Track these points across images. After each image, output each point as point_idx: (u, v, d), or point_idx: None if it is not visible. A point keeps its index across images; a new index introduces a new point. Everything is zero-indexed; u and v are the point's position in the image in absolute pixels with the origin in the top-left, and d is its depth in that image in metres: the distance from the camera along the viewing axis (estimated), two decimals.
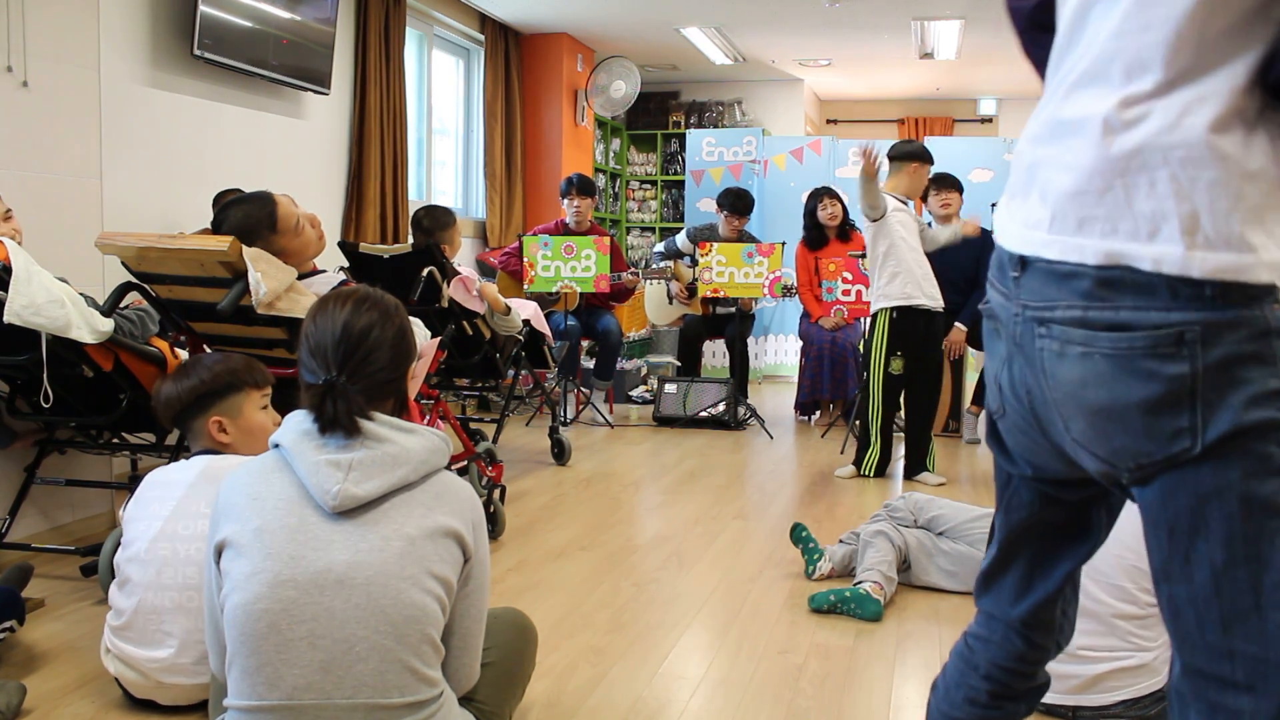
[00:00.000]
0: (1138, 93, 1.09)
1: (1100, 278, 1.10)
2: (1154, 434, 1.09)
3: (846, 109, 10.92)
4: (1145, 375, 1.08)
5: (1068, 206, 1.13)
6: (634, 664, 2.57)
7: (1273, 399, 1.05)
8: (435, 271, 3.68)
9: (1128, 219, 1.09)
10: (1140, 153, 1.08)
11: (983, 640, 1.42)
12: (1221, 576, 1.08)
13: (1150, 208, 1.07)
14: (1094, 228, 1.11)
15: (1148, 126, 1.08)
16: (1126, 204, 1.09)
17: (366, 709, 1.52)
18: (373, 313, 1.64)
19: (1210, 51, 1.05)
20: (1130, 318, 1.09)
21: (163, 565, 2.18)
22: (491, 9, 6.92)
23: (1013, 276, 1.19)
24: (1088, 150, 1.12)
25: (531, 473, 4.77)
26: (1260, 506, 1.06)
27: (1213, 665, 1.10)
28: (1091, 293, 1.11)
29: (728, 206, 6.13)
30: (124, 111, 3.89)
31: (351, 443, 1.57)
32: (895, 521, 3.20)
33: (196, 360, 2.39)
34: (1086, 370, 1.13)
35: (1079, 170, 1.12)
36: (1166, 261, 1.06)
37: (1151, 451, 1.10)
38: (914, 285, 4.50)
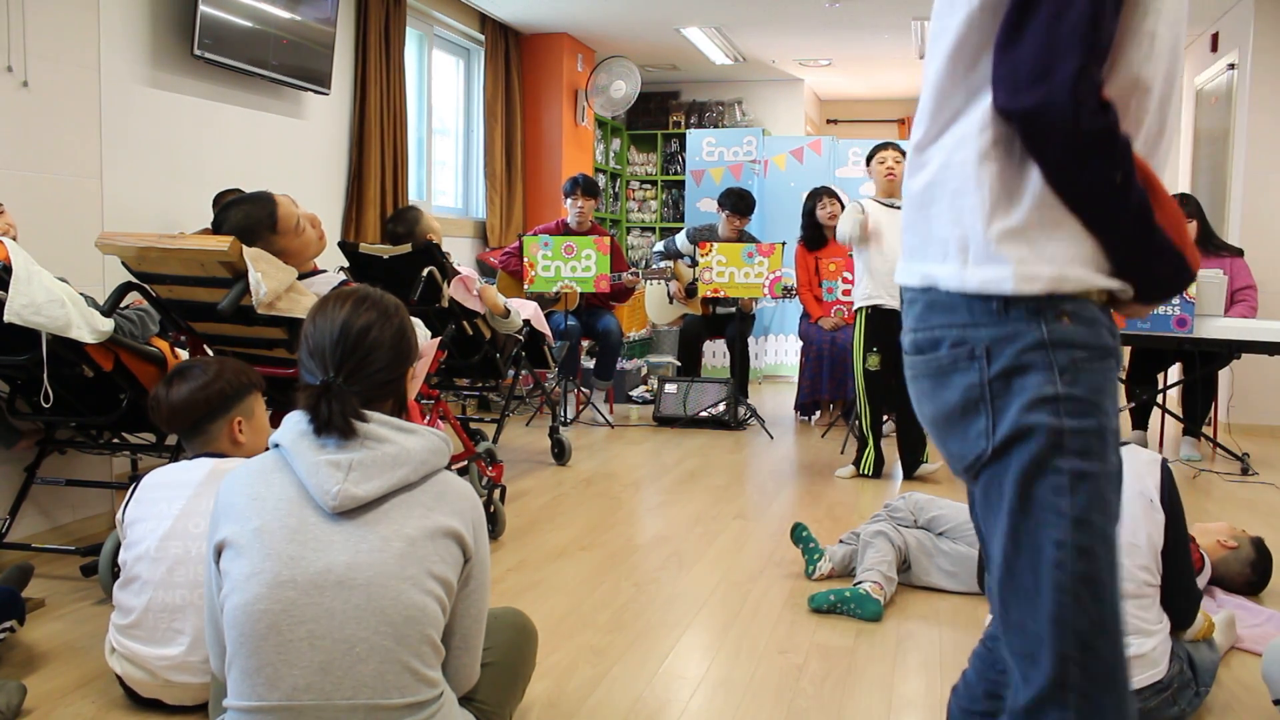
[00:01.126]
0: (924, 138, 1.31)
1: (925, 301, 1.29)
2: (964, 438, 1.26)
3: (847, 109, 10.92)
4: (950, 387, 1.26)
5: (906, 239, 1.35)
6: (634, 664, 2.57)
7: (1046, 404, 1.19)
8: (435, 271, 3.68)
9: (932, 244, 1.28)
10: (929, 188, 1.29)
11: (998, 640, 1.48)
12: (1011, 561, 1.23)
13: (941, 233, 1.26)
14: (915, 254, 1.32)
15: (932, 166, 1.28)
16: (929, 232, 1.29)
17: (366, 709, 1.52)
18: (372, 313, 1.64)
19: (960, 98, 1.25)
20: (940, 335, 1.27)
21: (174, 563, 2.18)
22: (491, 9, 6.92)
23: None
24: (910, 190, 1.34)
25: (532, 473, 4.77)
26: (1036, 501, 1.20)
27: (1014, 640, 1.25)
28: (919, 315, 1.30)
29: (729, 206, 6.13)
30: (124, 111, 3.89)
31: (351, 443, 1.57)
32: (895, 522, 3.20)
33: (191, 366, 2.36)
34: (918, 389, 1.33)
35: (906, 207, 1.35)
36: (950, 279, 1.24)
37: (965, 454, 1.27)
38: (878, 285, 4.55)
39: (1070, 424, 1.19)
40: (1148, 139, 1.24)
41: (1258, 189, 6.11)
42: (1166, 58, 1.22)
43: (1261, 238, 5.97)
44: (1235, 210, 6.22)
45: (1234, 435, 5.81)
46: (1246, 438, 5.81)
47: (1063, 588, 1.19)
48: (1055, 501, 1.19)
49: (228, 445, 2.35)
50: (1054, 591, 1.19)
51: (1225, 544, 3.03)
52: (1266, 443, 5.83)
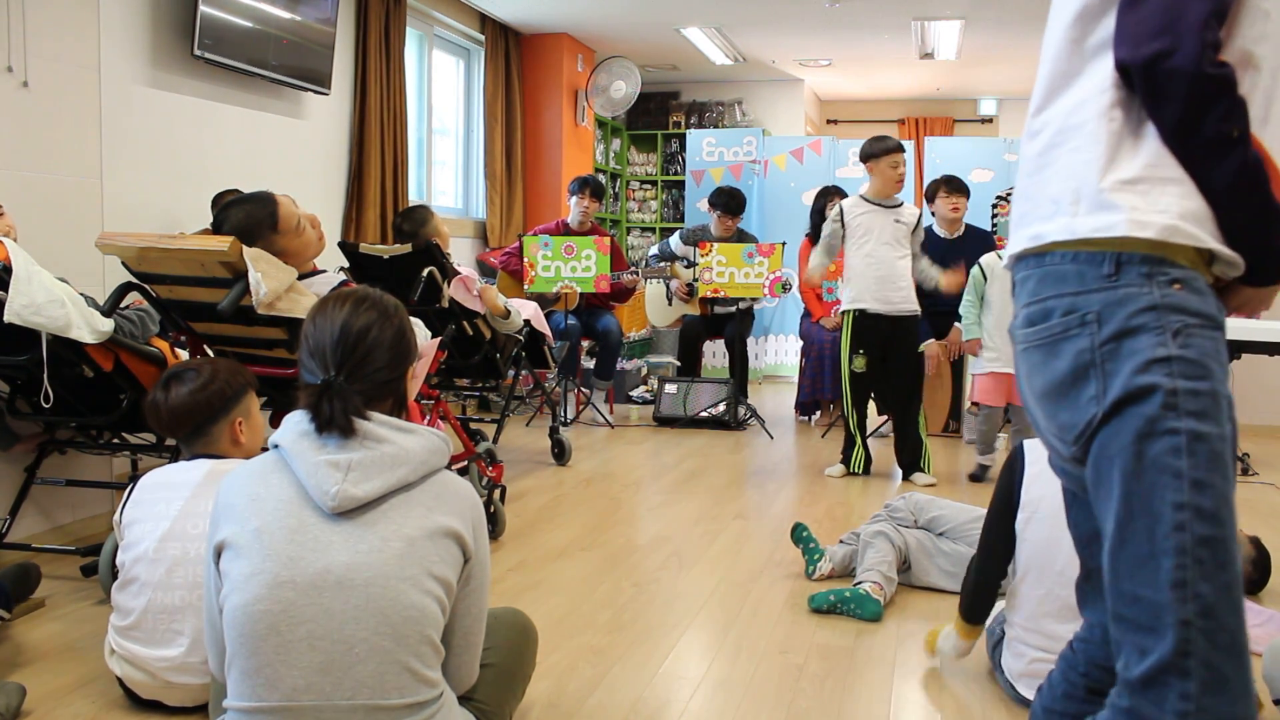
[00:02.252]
0: (1040, 104, 1.34)
1: (1038, 275, 1.30)
2: (1074, 405, 1.25)
3: (847, 109, 10.92)
4: (1061, 355, 1.25)
5: (1016, 212, 1.38)
6: (634, 664, 2.57)
7: (1158, 365, 1.18)
8: (435, 271, 3.67)
9: (1043, 204, 1.30)
10: (1045, 151, 1.32)
11: (1084, 642, 1.55)
12: (1125, 529, 1.20)
13: (1053, 191, 1.29)
14: (1025, 220, 1.34)
15: (1047, 131, 1.32)
16: (1040, 194, 1.31)
17: (366, 710, 1.52)
18: (372, 313, 1.64)
19: (1078, 62, 1.29)
20: (1051, 305, 1.27)
21: (173, 564, 2.18)
22: (491, 9, 6.91)
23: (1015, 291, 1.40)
24: (1023, 160, 1.37)
25: (532, 473, 4.77)
26: (1152, 463, 1.18)
27: (1125, 609, 1.22)
28: (1032, 290, 1.31)
29: (720, 206, 6.13)
30: (124, 111, 3.89)
31: (350, 443, 1.56)
32: (895, 522, 3.20)
33: (185, 369, 2.35)
34: (1029, 363, 1.32)
35: (1020, 177, 1.38)
36: (1060, 230, 1.26)
37: (1075, 422, 1.25)
38: (862, 290, 4.52)
39: (1184, 385, 1.17)
40: (1253, 121, 1.22)
41: None
42: (1276, 40, 1.23)
43: None
44: None
45: None
46: (1246, 438, 5.81)
47: (1184, 551, 1.16)
48: (1172, 463, 1.17)
49: (228, 446, 2.35)
50: (1175, 555, 1.16)
51: None
52: (1266, 443, 5.83)
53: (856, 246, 4.55)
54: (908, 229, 4.57)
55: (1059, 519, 2.23)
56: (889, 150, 4.54)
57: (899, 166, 4.53)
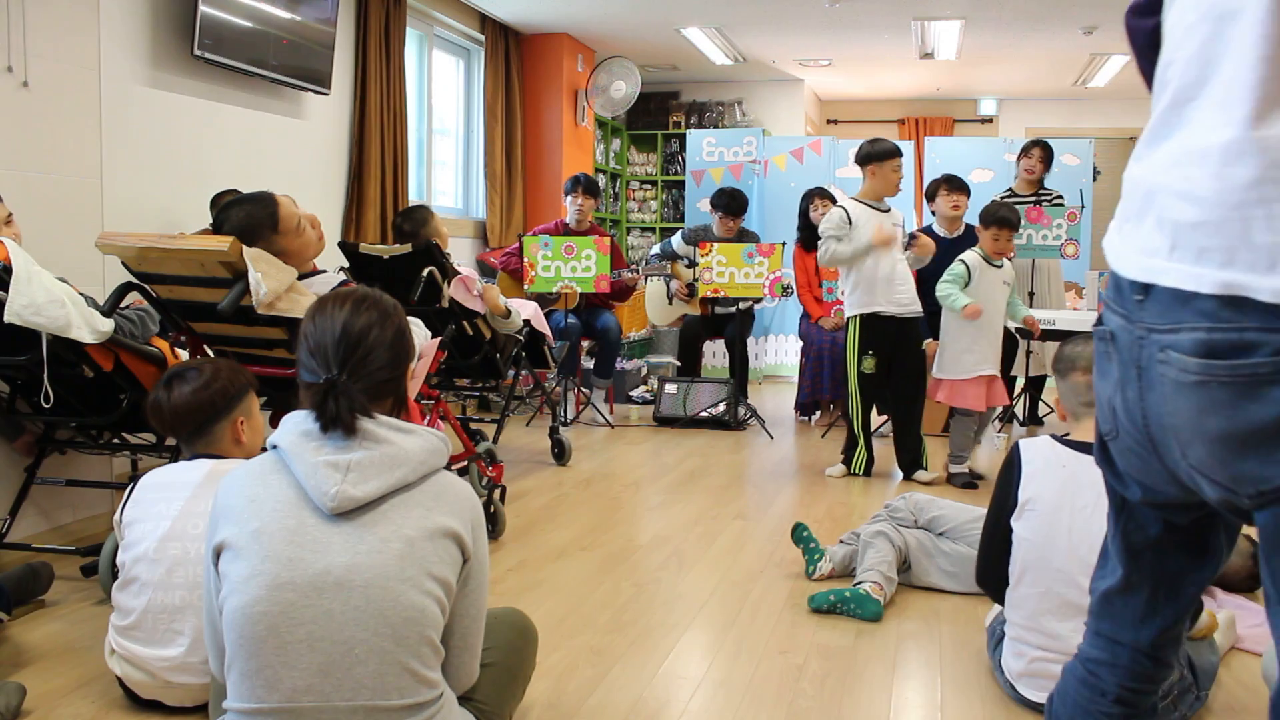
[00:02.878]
0: (1256, 120, 1.06)
1: (1224, 297, 1.08)
2: (1272, 460, 1.08)
3: (847, 109, 10.92)
4: (1268, 400, 1.06)
5: (1187, 236, 1.12)
6: (634, 664, 2.57)
7: None
8: (435, 271, 3.67)
9: (1245, 250, 1.06)
10: (1259, 184, 1.06)
11: (1107, 665, 1.43)
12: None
13: (1269, 240, 1.05)
14: (1212, 258, 1.09)
15: (1256, 160, 1.06)
16: (1244, 235, 1.07)
17: (366, 711, 1.52)
18: (371, 313, 1.64)
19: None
20: (1255, 339, 1.06)
21: (173, 565, 2.18)
22: (491, 9, 6.92)
23: (1135, 300, 1.19)
24: (1206, 180, 1.10)
25: (532, 473, 4.77)
26: None
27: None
28: (1216, 313, 1.09)
29: (721, 207, 6.13)
30: (124, 111, 3.89)
31: (350, 443, 1.56)
32: (896, 522, 3.20)
33: (186, 369, 2.35)
34: (1204, 398, 1.11)
35: (1197, 200, 1.11)
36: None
37: (1274, 477, 1.08)
38: (873, 294, 4.51)
39: None
40: None
41: None
42: None
43: None
44: None
45: None
46: None
47: None
48: None
49: (229, 445, 2.35)
50: None
51: None
52: None
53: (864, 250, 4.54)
54: (901, 230, 4.60)
55: (1056, 516, 2.24)
56: (891, 154, 4.53)
57: (900, 170, 4.55)
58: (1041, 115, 10.25)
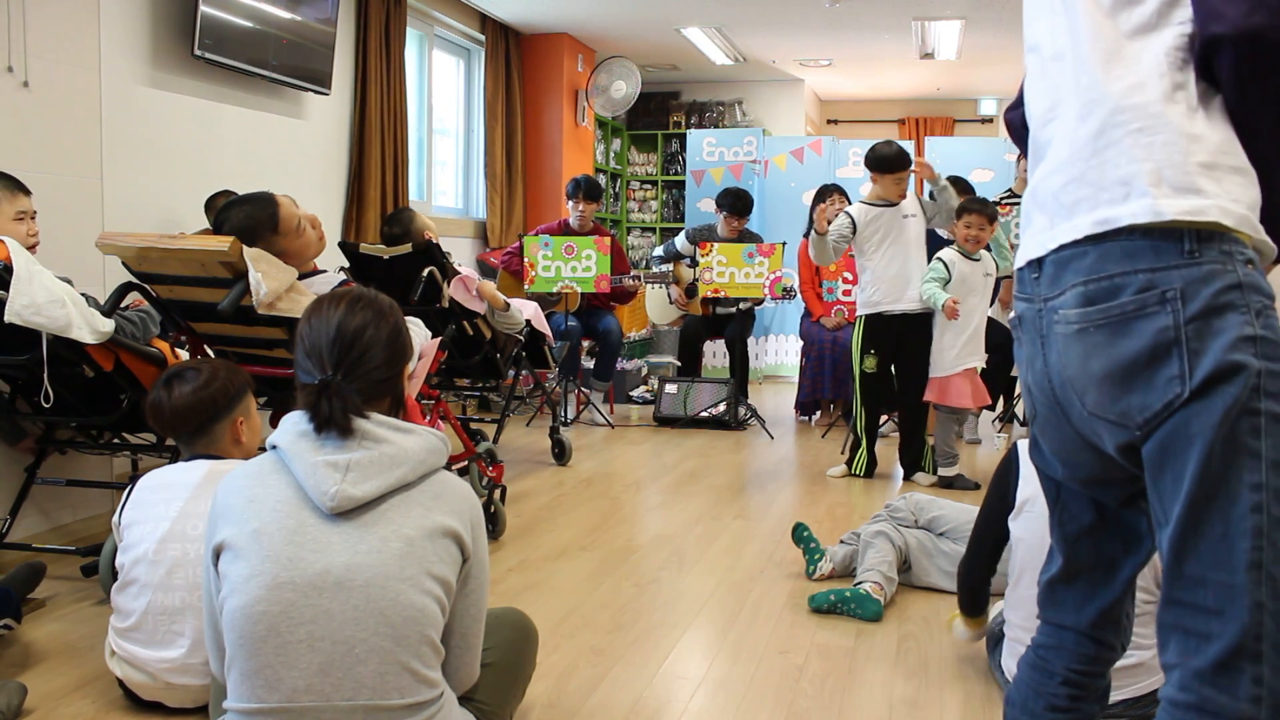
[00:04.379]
0: (1085, 85, 1.28)
1: (1097, 252, 1.23)
2: (1151, 386, 1.20)
3: (847, 109, 10.92)
4: (1136, 334, 1.20)
5: (1061, 199, 1.29)
6: (634, 664, 2.57)
7: (1247, 344, 1.16)
8: (435, 271, 3.67)
9: (1106, 189, 1.24)
10: (1101, 133, 1.25)
11: (1054, 649, 1.49)
12: (1199, 509, 1.17)
13: (1121, 173, 1.23)
14: (1082, 206, 1.26)
15: (1100, 112, 1.26)
16: (1101, 176, 1.25)
17: (366, 710, 1.52)
18: (367, 312, 1.64)
19: (1125, 39, 1.25)
20: (1121, 281, 1.21)
21: (173, 566, 2.18)
22: (492, 9, 6.92)
23: (1032, 278, 1.33)
24: (1063, 148, 1.30)
25: (532, 473, 4.77)
26: (1233, 443, 1.16)
27: (1188, 593, 1.19)
28: (1091, 265, 1.24)
29: (727, 207, 6.13)
30: (124, 111, 3.89)
31: (349, 443, 1.56)
32: (896, 522, 3.20)
33: (184, 369, 2.35)
34: (1086, 343, 1.25)
35: (1062, 168, 1.30)
36: (1140, 214, 1.20)
37: (1151, 403, 1.20)
38: (882, 292, 4.52)
39: (1269, 365, 1.16)
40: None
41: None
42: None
43: None
44: None
45: None
46: None
47: (1260, 532, 1.15)
48: (1253, 444, 1.15)
49: (229, 445, 2.35)
50: (1251, 537, 1.15)
51: None
52: None
53: (875, 249, 4.55)
54: (916, 218, 4.59)
55: None
56: (893, 169, 4.53)
57: (903, 183, 4.58)
58: None
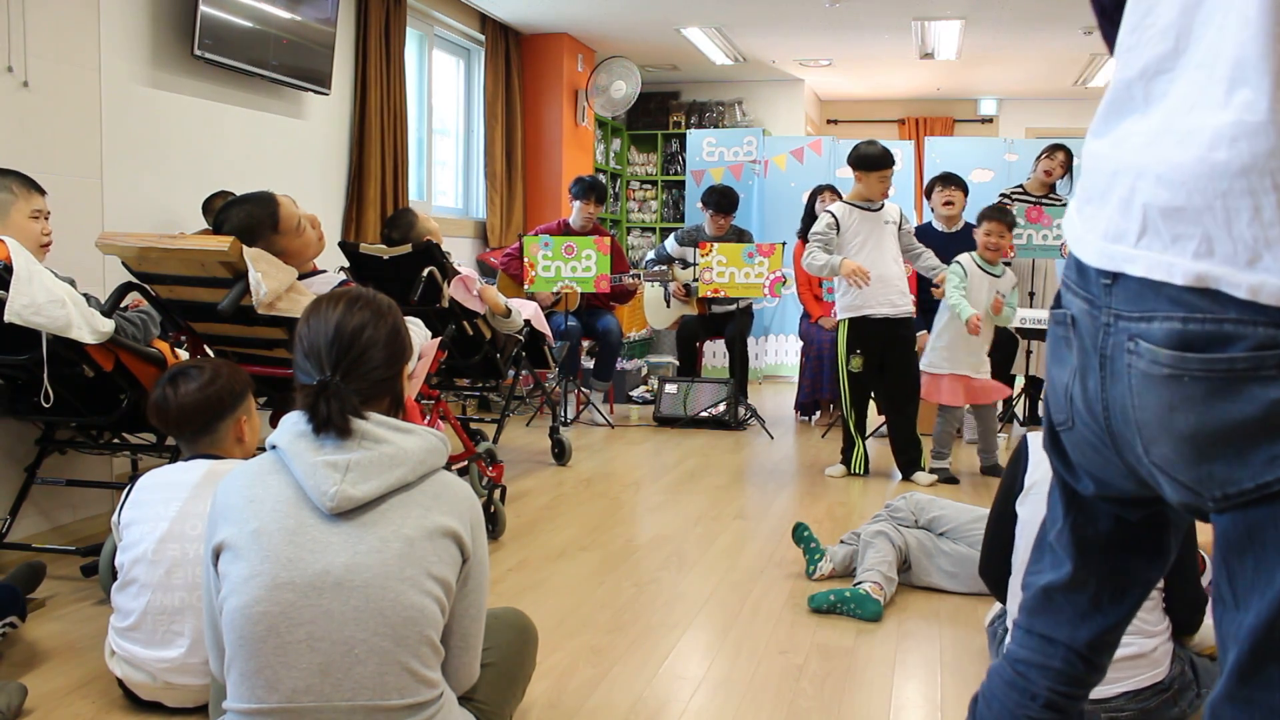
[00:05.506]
0: (1244, 103, 0.97)
1: (1199, 289, 1.01)
2: (1245, 460, 1.01)
3: (847, 109, 10.92)
4: (1243, 398, 0.99)
5: (1161, 222, 1.04)
6: (634, 664, 2.57)
7: None
8: (435, 271, 3.67)
9: (1225, 241, 0.99)
10: (1248, 173, 0.97)
11: (1038, 667, 1.35)
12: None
13: (1253, 233, 0.97)
14: (1187, 246, 1.01)
15: (1257, 144, 0.97)
16: (1226, 225, 0.99)
17: (366, 711, 1.52)
18: (365, 312, 1.64)
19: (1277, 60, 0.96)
20: (1234, 331, 0.99)
21: (172, 566, 2.18)
22: (491, 9, 6.91)
23: (1103, 284, 1.11)
24: (1188, 163, 1.01)
25: (532, 473, 4.77)
26: None
27: (1265, 695, 1.04)
28: (1192, 303, 1.01)
29: (712, 205, 6.14)
30: (124, 111, 3.88)
31: (348, 443, 1.56)
32: (896, 522, 3.20)
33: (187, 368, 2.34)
34: (1175, 393, 1.04)
35: (1176, 185, 1.02)
36: (1265, 291, 0.97)
37: (1241, 480, 1.02)
38: (863, 296, 4.50)
39: None
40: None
41: None
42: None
43: None
44: None
45: None
46: None
47: None
48: None
49: (231, 444, 2.35)
50: None
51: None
52: None
53: (854, 252, 4.54)
54: (895, 226, 4.59)
55: None
56: (876, 166, 4.51)
57: (887, 180, 4.56)
58: (1041, 115, 10.24)
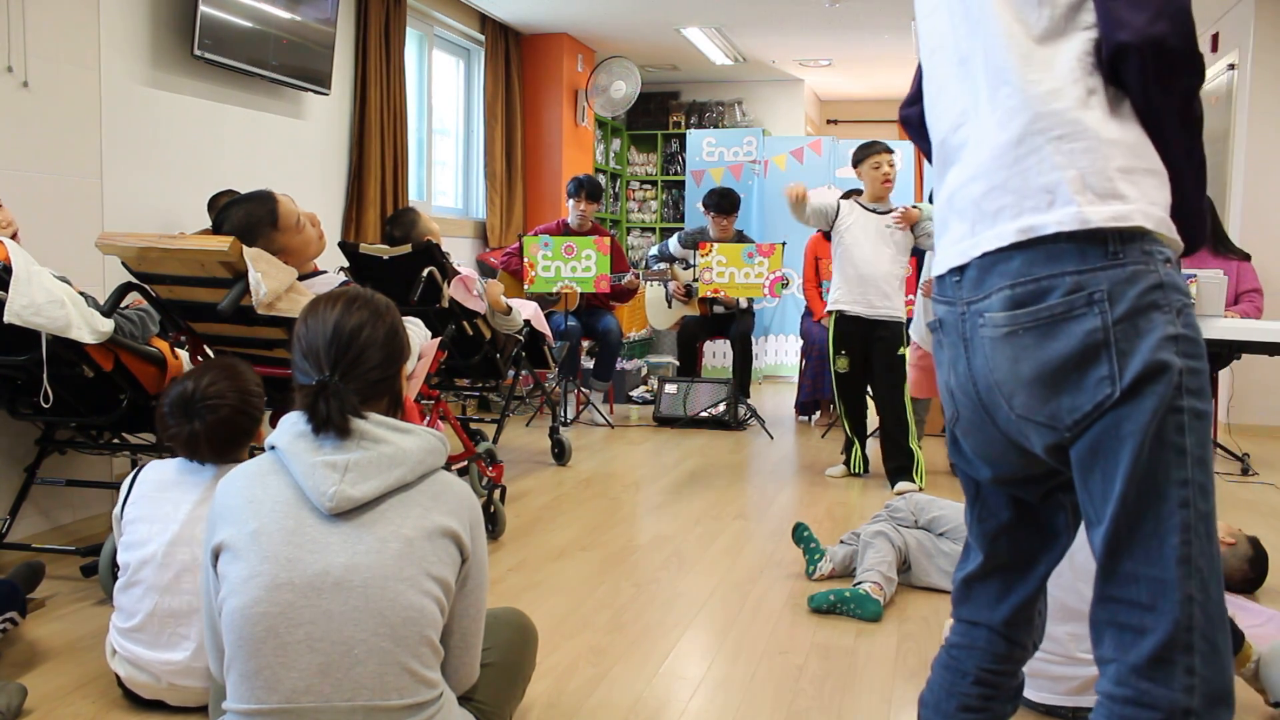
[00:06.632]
0: (1006, 95, 1.28)
1: (1023, 256, 1.25)
2: (1080, 388, 1.22)
3: (847, 109, 10.92)
4: (1065, 336, 1.21)
5: (982, 206, 1.30)
6: (634, 664, 2.57)
7: (1170, 343, 1.19)
8: (435, 271, 3.68)
9: (1030, 196, 1.25)
10: (1024, 139, 1.26)
11: (965, 648, 1.50)
12: (1131, 508, 1.20)
13: (1043, 181, 1.25)
14: (1005, 213, 1.27)
15: (1019, 120, 1.27)
16: (1024, 183, 1.26)
17: (366, 711, 1.52)
18: (363, 312, 1.64)
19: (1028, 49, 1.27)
20: (1048, 284, 1.22)
21: (182, 570, 2.17)
22: (491, 9, 6.91)
23: (953, 282, 1.35)
24: (981, 154, 1.31)
25: (532, 473, 4.77)
26: (1161, 441, 1.19)
27: (1122, 590, 1.21)
28: (1018, 269, 1.25)
29: (713, 207, 6.14)
30: (124, 111, 3.89)
31: (347, 444, 1.56)
32: (896, 522, 3.20)
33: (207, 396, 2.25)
34: (1015, 346, 1.26)
35: (980, 175, 1.31)
36: (1066, 221, 1.22)
37: (1081, 404, 1.22)
38: (846, 292, 4.51)
39: (1190, 363, 1.19)
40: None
41: (1258, 190, 6.11)
42: None
43: (1262, 239, 5.97)
44: (1236, 211, 6.22)
45: (1234, 435, 5.81)
46: (1246, 438, 5.81)
47: (1189, 527, 1.18)
48: (1178, 440, 1.19)
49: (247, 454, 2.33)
50: (1180, 531, 1.18)
51: (1224, 540, 3.03)
52: (1266, 443, 5.83)
53: (842, 249, 4.54)
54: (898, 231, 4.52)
55: None
56: (868, 154, 4.52)
57: (880, 168, 4.51)
58: None
